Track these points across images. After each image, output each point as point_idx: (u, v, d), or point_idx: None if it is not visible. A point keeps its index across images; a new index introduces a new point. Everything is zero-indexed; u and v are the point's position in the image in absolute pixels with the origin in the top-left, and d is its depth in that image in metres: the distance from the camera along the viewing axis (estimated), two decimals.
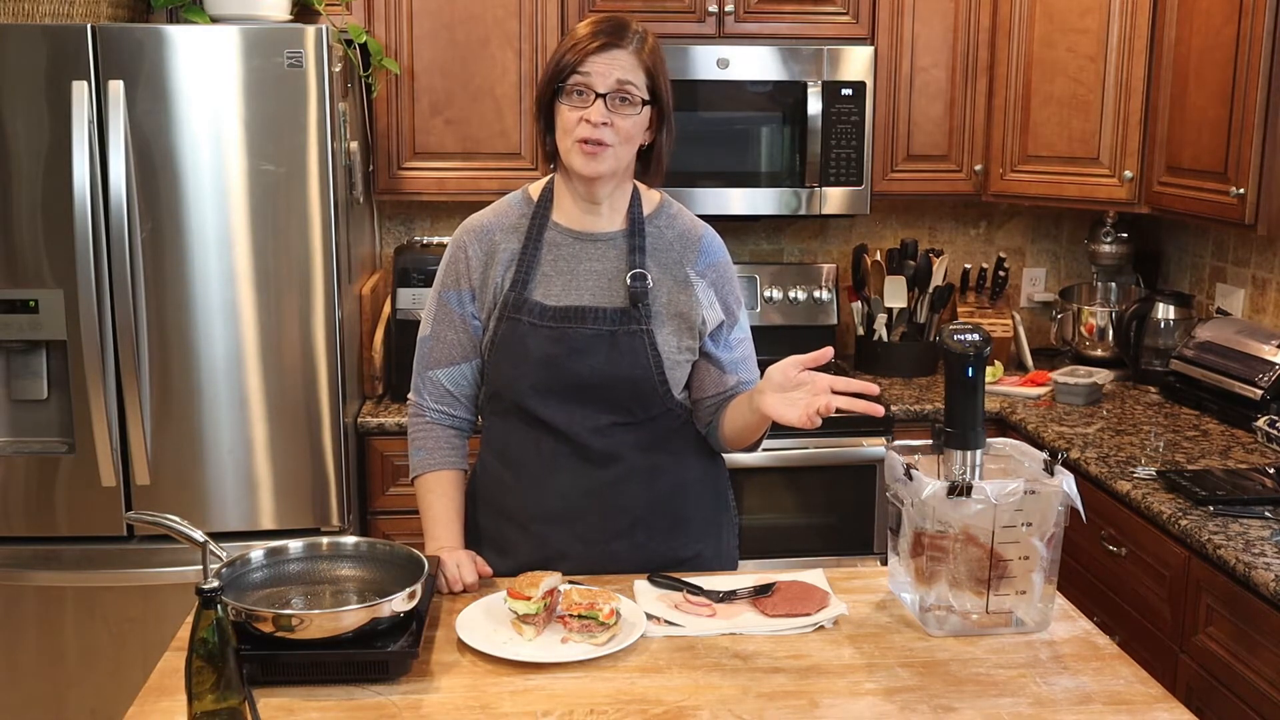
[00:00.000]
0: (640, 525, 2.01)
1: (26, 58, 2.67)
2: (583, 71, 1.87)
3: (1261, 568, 2.05)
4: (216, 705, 1.43)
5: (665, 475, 2.03)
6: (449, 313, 2.01)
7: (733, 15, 3.33)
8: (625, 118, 1.88)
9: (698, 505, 2.08)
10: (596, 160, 1.89)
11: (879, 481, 3.14)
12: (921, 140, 3.45)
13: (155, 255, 2.76)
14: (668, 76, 1.94)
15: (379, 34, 3.24)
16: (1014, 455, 1.85)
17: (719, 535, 2.13)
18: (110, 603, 2.87)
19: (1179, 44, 3.04)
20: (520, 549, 2.00)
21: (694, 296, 1.99)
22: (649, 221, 2.01)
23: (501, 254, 1.98)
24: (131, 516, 1.66)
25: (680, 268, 2.00)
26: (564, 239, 1.98)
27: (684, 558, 2.05)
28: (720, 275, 2.04)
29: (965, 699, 1.57)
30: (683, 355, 1.99)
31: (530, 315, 1.94)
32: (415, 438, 2.05)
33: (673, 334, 1.98)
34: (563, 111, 1.90)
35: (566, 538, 1.99)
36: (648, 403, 1.98)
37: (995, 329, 3.58)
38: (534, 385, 1.95)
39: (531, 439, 1.99)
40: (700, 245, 2.03)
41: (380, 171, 3.32)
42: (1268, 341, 2.95)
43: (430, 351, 2.03)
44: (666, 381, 1.98)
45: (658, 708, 1.54)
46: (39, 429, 2.85)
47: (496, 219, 2.01)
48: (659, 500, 2.02)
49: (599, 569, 1.96)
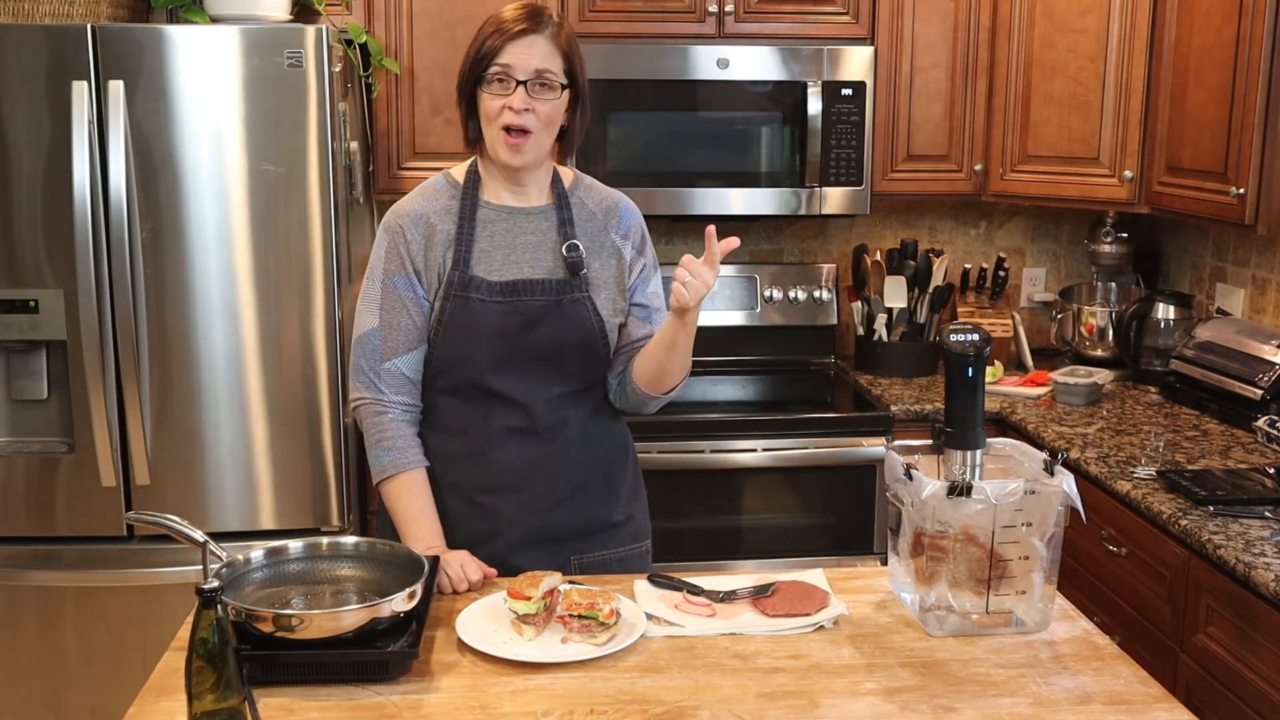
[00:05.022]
0: (579, 492, 2.09)
1: (26, 58, 2.67)
2: (502, 61, 1.94)
3: (1261, 568, 2.05)
4: (216, 705, 1.43)
5: (601, 442, 2.12)
6: (397, 299, 2.03)
7: (733, 15, 3.33)
8: (545, 103, 1.97)
9: (623, 471, 2.18)
10: (520, 153, 1.98)
11: (879, 481, 3.14)
12: (921, 140, 3.45)
13: (155, 255, 2.76)
14: (583, 60, 2.03)
15: (379, 34, 3.24)
16: (1014, 455, 1.85)
17: (640, 501, 2.22)
18: (110, 603, 2.87)
19: (1179, 44, 3.04)
20: (465, 521, 2.05)
21: (622, 261, 2.11)
22: (571, 194, 2.11)
23: (439, 235, 2.04)
24: (131, 516, 1.66)
25: (605, 235, 2.11)
26: (497, 215, 2.06)
27: (618, 521, 2.14)
28: (640, 235, 2.15)
29: (965, 699, 1.57)
30: (617, 318, 2.10)
31: (479, 292, 2.00)
32: (382, 436, 2.04)
33: (608, 299, 2.08)
34: (485, 99, 1.98)
35: (511, 507, 2.05)
36: (592, 367, 2.08)
37: (995, 329, 3.58)
38: (489, 360, 2.01)
39: (479, 413, 2.04)
40: (619, 211, 2.14)
41: (380, 171, 3.32)
42: (1268, 341, 2.95)
43: (384, 342, 2.03)
44: (608, 345, 2.07)
45: (658, 708, 1.54)
46: (39, 429, 2.85)
47: (427, 203, 2.07)
48: (593, 467, 2.11)
49: (541, 536, 2.05)
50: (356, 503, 3.03)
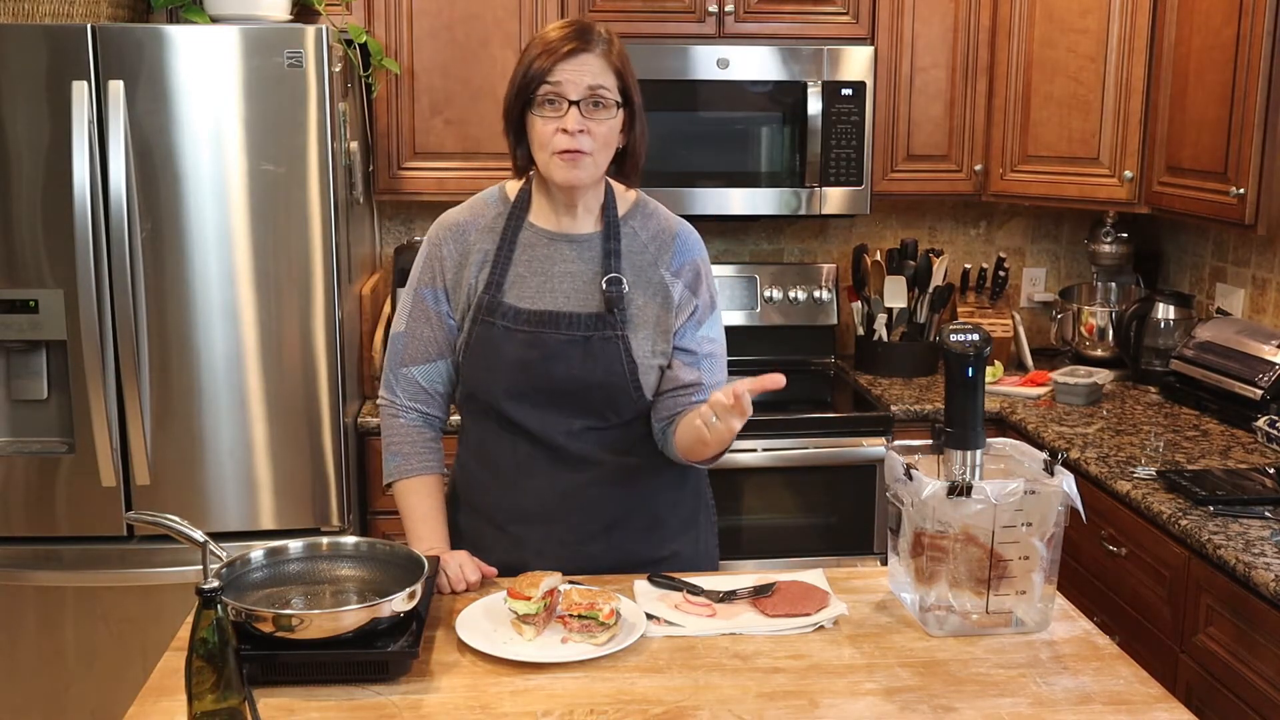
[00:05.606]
0: (616, 526, 2.01)
1: (26, 58, 2.67)
2: (553, 80, 1.85)
3: (1261, 568, 2.05)
4: (216, 705, 1.43)
5: (639, 477, 2.02)
6: (425, 310, 2.00)
7: (733, 15, 3.33)
8: (600, 122, 1.87)
9: (674, 505, 2.07)
10: (577, 168, 1.87)
11: (879, 481, 3.14)
12: (921, 140, 3.45)
13: (155, 255, 2.76)
14: (635, 76, 1.93)
15: (379, 34, 3.24)
16: (1014, 455, 1.85)
17: (697, 534, 2.12)
18: (110, 603, 2.87)
19: (1179, 44, 3.04)
20: (497, 549, 2.00)
21: (669, 299, 1.98)
22: (624, 222, 2.00)
23: (475, 253, 1.97)
24: (131, 516, 1.66)
25: (655, 270, 1.98)
26: (539, 240, 1.97)
27: (660, 557, 2.04)
28: (695, 274, 2.01)
29: (965, 699, 1.57)
30: (656, 360, 1.97)
31: (504, 319, 1.93)
32: (391, 441, 2.03)
33: (646, 339, 1.96)
34: (536, 123, 1.88)
35: (542, 539, 1.99)
36: (620, 407, 1.97)
37: (995, 329, 3.58)
38: (507, 389, 1.94)
39: (507, 441, 1.99)
40: (675, 245, 2.00)
41: (380, 171, 3.32)
42: (1268, 341, 2.95)
43: (405, 348, 2.02)
44: (641, 387, 1.96)
45: (658, 708, 1.54)
46: (39, 429, 2.85)
47: (472, 217, 2.01)
48: (634, 502, 2.02)
49: (575, 570, 1.94)
50: (356, 503, 3.03)
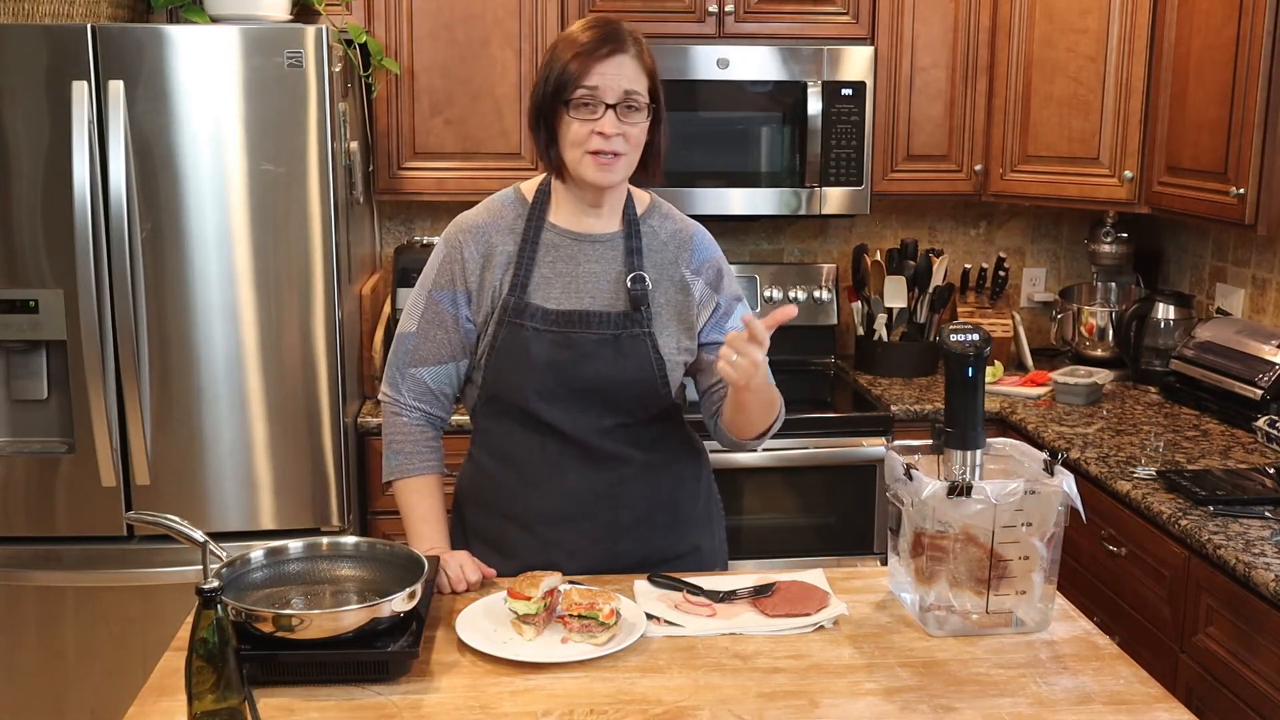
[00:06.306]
0: (644, 522, 2.03)
1: (26, 58, 2.67)
2: (589, 84, 1.85)
3: (1261, 568, 2.05)
4: (216, 705, 1.43)
5: (666, 473, 2.05)
6: (440, 312, 1.99)
7: (733, 15, 3.33)
8: (635, 125, 1.88)
9: (694, 501, 2.11)
10: (611, 170, 1.88)
11: (879, 481, 3.14)
12: (921, 140, 3.45)
13: (155, 255, 2.76)
14: (660, 76, 1.95)
15: (379, 34, 3.24)
16: (1014, 455, 1.85)
17: (713, 530, 2.16)
18: (110, 603, 2.87)
19: (1179, 44, 3.04)
20: (523, 550, 2.00)
21: (690, 296, 2.01)
22: (642, 221, 2.01)
23: (498, 256, 1.96)
24: (131, 516, 1.67)
25: (675, 268, 2.01)
26: (561, 240, 1.98)
27: (683, 552, 2.07)
28: (717, 272, 2.05)
29: (965, 699, 1.57)
30: (681, 355, 2.00)
31: (533, 320, 1.93)
32: (393, 439, 2.03)
33: (672, 335, 1.99)
34: (571, 124, 1.87)
35: (572, 537, 1.99)
36: (649, 404, 1.99)
37: (995, 329, 3.58)
38: (538, 390, 1.94)
39: (535, 441, 1.98)
40: (693, 244, 2.04)
41: (380, 171, 3.32)
42: (1268, 341, 2.95)
43: (415, 349, 2.01)
44: (668, 383, 1.99)
45: (658, 708, 1.54)
46: (39, 429, 2.85)
47: (492, 219, 1.99)
48: (661, 497, 2.04)
49: (604, 567, 1.97)
50: (356, 503, 3.03)
